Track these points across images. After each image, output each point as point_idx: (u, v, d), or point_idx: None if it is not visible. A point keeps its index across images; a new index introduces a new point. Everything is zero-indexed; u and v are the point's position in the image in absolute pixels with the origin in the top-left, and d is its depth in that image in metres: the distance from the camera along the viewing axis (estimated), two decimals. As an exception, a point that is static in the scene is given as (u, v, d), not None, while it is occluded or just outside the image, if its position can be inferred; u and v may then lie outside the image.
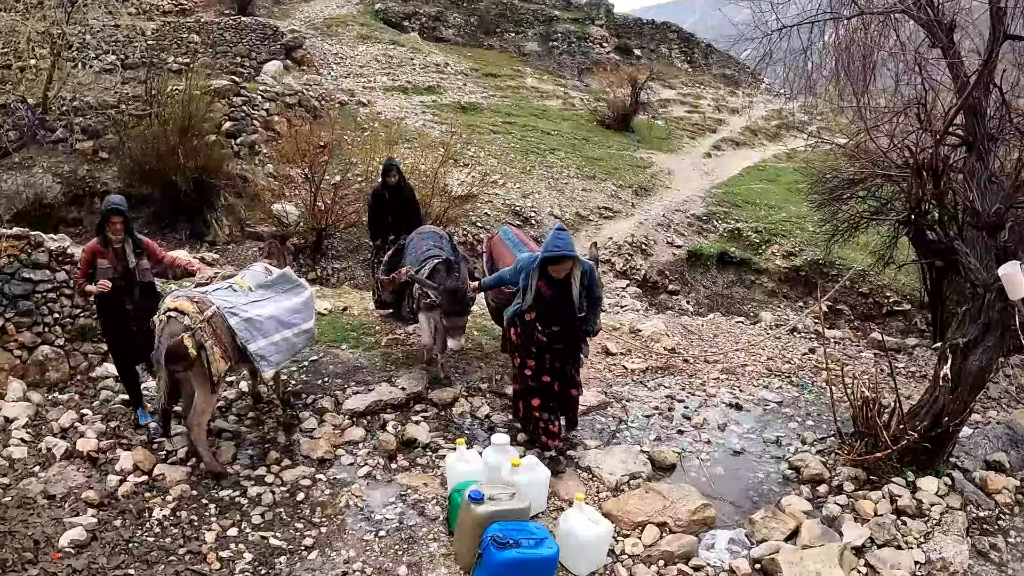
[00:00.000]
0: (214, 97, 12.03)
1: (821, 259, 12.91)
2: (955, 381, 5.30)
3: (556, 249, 5.01)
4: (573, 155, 15.65)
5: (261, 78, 13.66)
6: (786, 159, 18.22)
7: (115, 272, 5.32)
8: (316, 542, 4.49)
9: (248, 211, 11.50)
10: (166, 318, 4.74)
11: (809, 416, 6.70)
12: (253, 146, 12.40)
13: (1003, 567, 4.64)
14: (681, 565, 4.34)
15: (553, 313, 5.30)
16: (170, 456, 5.26)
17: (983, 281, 5.38)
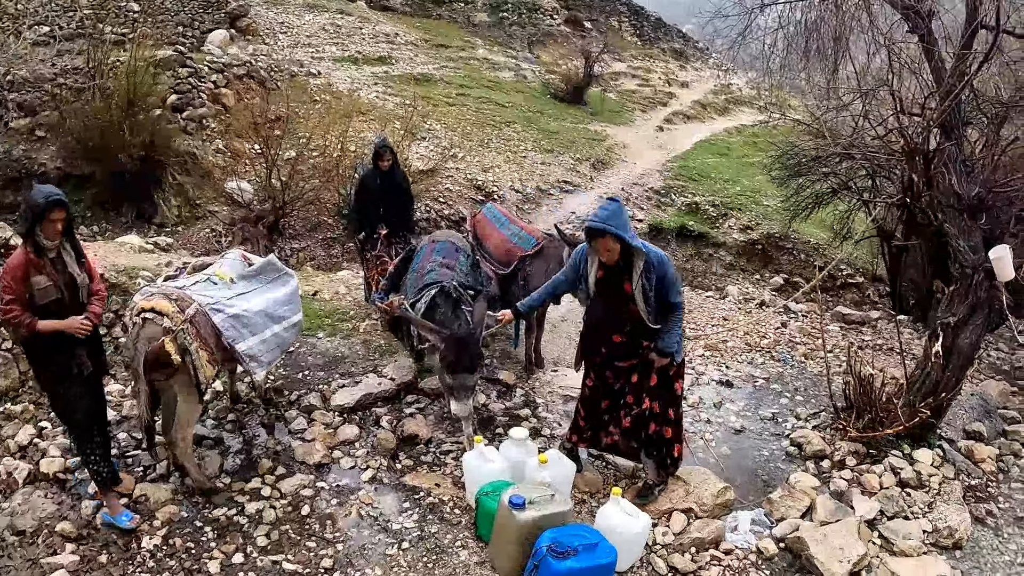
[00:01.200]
0: (159, 69, 11.45)
1: (777, 233, 13.26)
2: (946, 358, 5.54)
3: (592, 219, 4.18)
4: (529, 128, 15.58)
5: (207, 48, 13.08)
6: (736, 133, 18.55)
7: (60, 292, 3.99)
8: (335, 562, 4.16)
9: (198, 190, 11.06)
10: (141, 320, 4.13)
11: (797, 391, 6.90)
12: (201, 120, 11.87)
13: (999, 531, 4.93)
14: (713, 550, 4.44)
15: (609, 317, 4.57)
16: (148, 472, 4.76)
17: (971, 262, 5.62)
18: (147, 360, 4.08)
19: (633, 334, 4.53)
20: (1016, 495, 5.33)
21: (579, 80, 17.97)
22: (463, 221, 11.99)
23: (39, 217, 3.87)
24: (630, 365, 4.66)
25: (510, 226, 6.88)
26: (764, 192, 14.53)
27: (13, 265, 3.94)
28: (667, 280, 4.32)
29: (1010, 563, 4.64)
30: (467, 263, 5.68)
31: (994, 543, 4.79)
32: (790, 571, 4.35)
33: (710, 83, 21.92)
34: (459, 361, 4.70)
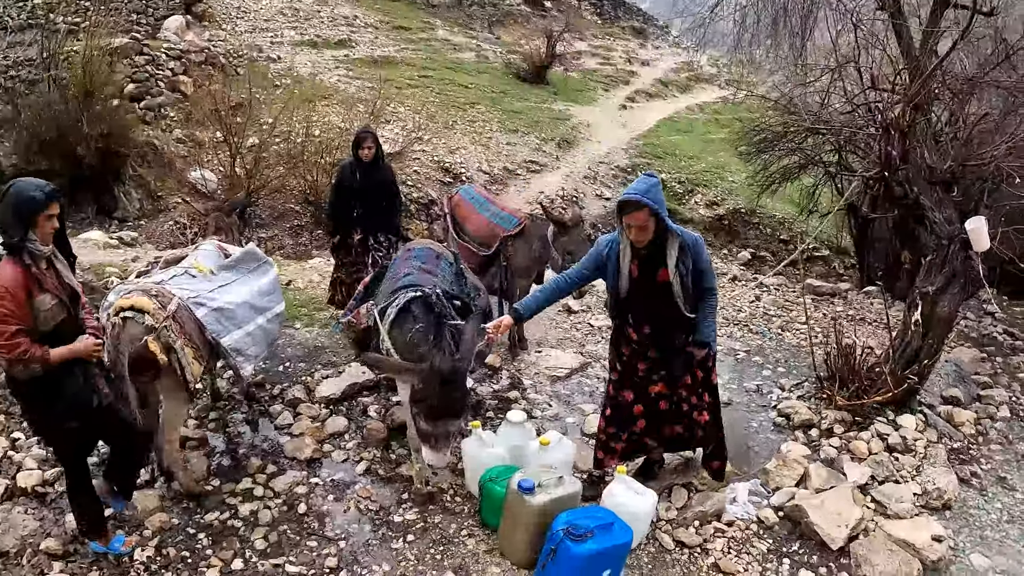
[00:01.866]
0: (115, 57, 11.11)
1: (744, 208, 13.45)
2: (926, 326, 5.70)
3: (629, 191, 3.87)
4: (493, 109, 15.50)
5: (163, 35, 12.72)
6: (698, 111, 18.70)
7: (65, 310, 3.48)
8: (340, 560, 4.02)
9: (160, 181, 10.76)
10: (121, 320, 3.83)
11: (779, 363, 7.03)
12: (160, 109, 11.56)
13: (984, 491, 5.11)
14: (716, 523, 4.51)
15: (643, 305, 4.18)
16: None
17: (947, 234, 5.77)
18: (132, 362, 3.78)
19: (666, 326, 4.20)
20: (996, 456, 5.53)
21: (541, 60, 17.90)
22: (432, 204, 11.93)
23: (34, 217, 3.30)
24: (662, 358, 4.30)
25: (490, 206, 6.79)
26: (728, 168, 14.72)
27: (11, 286, 3.26)
28: (702, 264, 4.08)
29: (996, 521, 4.81)
30: (451, 271, 4.84)
31: (980, 503, 4.96)
32: (791, 539, 4.44)
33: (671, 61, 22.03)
34: (441, 405, 3.77)
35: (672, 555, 4.20)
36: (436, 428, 3.83)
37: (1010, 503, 5.00)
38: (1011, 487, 5.17)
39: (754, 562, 4.22)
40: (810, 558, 4.30)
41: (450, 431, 3.90)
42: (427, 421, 3.83)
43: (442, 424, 3.83)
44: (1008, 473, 5.33)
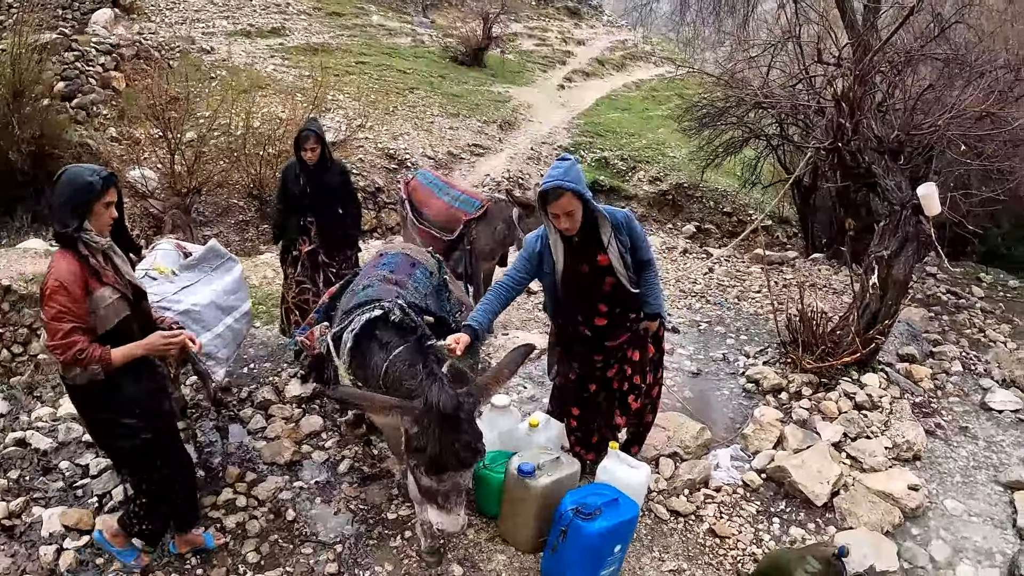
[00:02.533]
0: (44, 55, 10.58)
1: (686, 182, 13.71)
2: (883, 288, 5.94)
3: (547, 180, 3.65)
4: (433, 93, 15.40)
5: (91, 29, 12.15)
6: (635, 88, 18.91)
7: (128, 306, 3.22)
8: (340, 565, 3.86)
9: (96, 183, 10.33)
10: None
11: (740, 331, 7.24)
12: (92, 107, 11.09)
13: (948, 441, 5.41)
14: (704, 489, 4.64)
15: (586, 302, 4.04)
16: (105, 501, 4.17)
17: (899, 200, 6.01)
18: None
19: (617, 309, 4.07)
20: (955, 408, 5.84)
21: (478, 42, 17.82)
22: (379, 191, 11.83)
23: (90, 205, 3.06)
24: (620, 343, 4.19)
25: (449, 190, 6.73)
26: (669, 144, 14.96)
27: (66, 279, 2.99)
28: (637, 236, 3.96)
29: (964, 467, 5.10)
30: (428, 282, 4.15)
31: (947, 452, 5.25)
32: (777, 499, 4.61)
33: (605, 40, 22.19)
34: (445, 454, 2.98)
35: (668, 524, 4.31)
36: (442, 483, 3.03)
37: (975, 450, 5.30)
38: (974, 436, 5.48)
39: (746, 524, 4.37)
40: (797, 515, 4.48)
41: (460, 484, 3.10)
42: (429, 475, 3.03)
43: (449, 477, 3.03)
44: (969, 423, 5.64)
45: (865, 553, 4.01)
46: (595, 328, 4.09)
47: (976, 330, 7.53)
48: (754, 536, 4.28)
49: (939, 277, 9.05)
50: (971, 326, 7.61)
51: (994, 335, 7.39)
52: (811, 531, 4.35)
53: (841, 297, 8.14)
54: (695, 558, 4.06)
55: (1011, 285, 9.33)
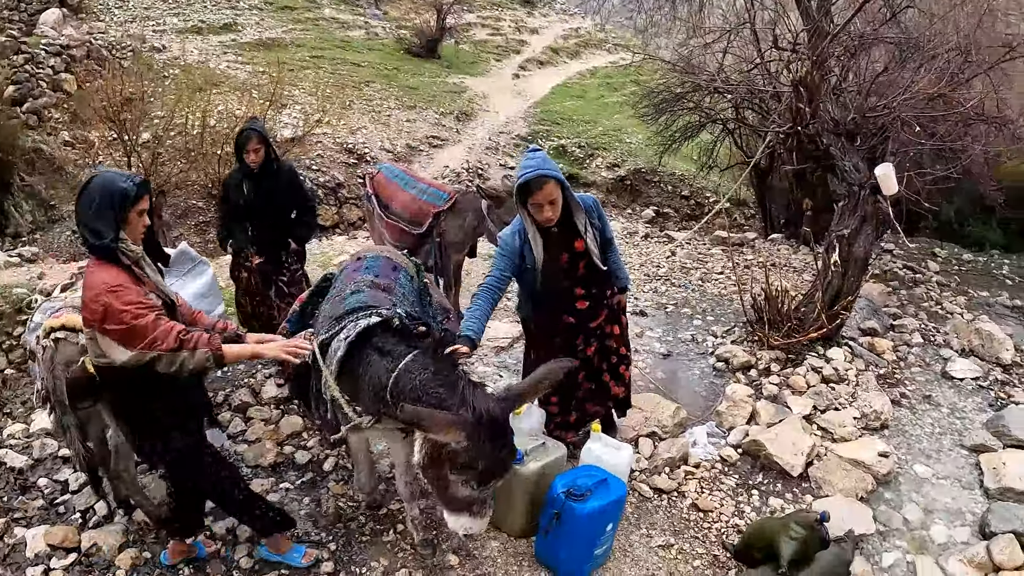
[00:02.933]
0: None
1: (644, 168, 13.89)
2: (844, 266, 6.13)
3: (525, 171, 3.68)
4: (389, 86, 15.33)
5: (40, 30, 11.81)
6: (590, 76, 19.02)
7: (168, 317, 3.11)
8: (336, 564, 3.83)
9: (52, 189, 10.07)
10: (52, 343, 3.46)
11: (706, 312, 7.40)
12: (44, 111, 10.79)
13: (913, 409, 5.63)
14: (684, 466, 4.77)
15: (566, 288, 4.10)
16: (89, 516, 4.06)
17: (857, 180, 6.20)
18: (69, 387, 3.39)
19: (593, 290, 4.18)
20: (918, 377, 6.07)
21: (432, 34, 17.76)
22: (340, 187, 11.77)
23: (125, 213, 2.93)
24: (599, 322, 4.31)
25: (416, 183, 6.71)
26: (626, 130, 15.12)
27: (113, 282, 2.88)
28: (603, 218, 4.13)
29: (929, 434, 5.32)
30: (411, 286, 3.96)
31: (912, 419, 5.47)
32: (754, 472, 4.77)
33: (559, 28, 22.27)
34: (494, 463, 2.90)
35: (653, 502, 4.43)
36: (484, 492, 2.94)
37: (938, 417, 5.53)
38: (937, 403, 5.72)
39: (727, 497, 4.51)
40: (775, 486, 4.64)
41: (492, 491, 3.02)
42: (476, 487, 2.91)
43: (491, 486, 2.97)
44: (931, 391, 5.88)
45: (843, 518, 4.17)
46: (578, 312, 4.17)
47: (933, 303, 7.80)
48: (735, 508, 4.43)
49: (895, 253, 9.34)
50: (928, 299, 7.88)
51: (951, 307, 7.67)
52: (789, 500, 4.51)
53: (802, 275, 8.36)
54: (681, 532, 4.19)
55: (965, 259, 9.68)
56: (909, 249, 9.46)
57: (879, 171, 5.73)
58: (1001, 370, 6.29)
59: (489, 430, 2.82)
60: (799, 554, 3.49)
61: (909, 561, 4.14)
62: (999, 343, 6.47)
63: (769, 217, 11.10)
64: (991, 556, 4.09)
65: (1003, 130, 7.93)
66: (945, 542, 4.30)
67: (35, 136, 10.34)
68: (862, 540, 4.17)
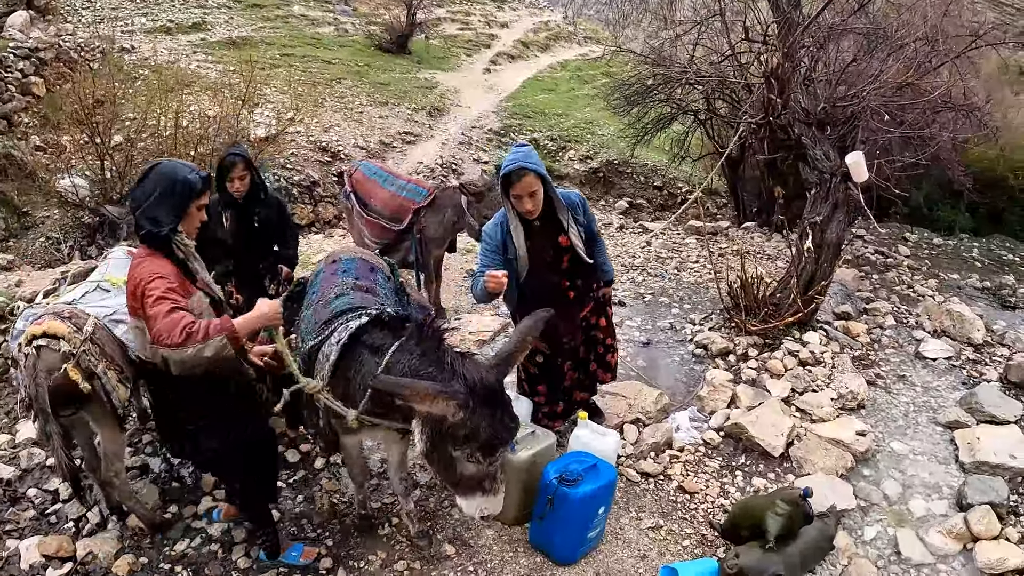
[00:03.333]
0: None
1: (616, 159, 13.99)
2: (817, 252, 6.27)
3: (509, 162, 3.76)
4: (360, 83, 15.26)
5: (8, 33, 11.56)
6: (560, 69, 19.09)
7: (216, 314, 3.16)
8: (334, 559, 3.83)
9: (24, 196, 9.92)
10: (34, 350, 3.38)
11: (684, 300, 7.52)
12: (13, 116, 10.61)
13: (889, 389, 5.78)
14: (669, 451, 4.87)
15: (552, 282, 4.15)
16: (83, 524, 4.03)
17: (828, 168, 6.34)
18: (51, 394, 3.34)
19: (579, 281, 4.25)
20: (892, 359, 6.24)
21: (403, 29, 17.70)
22: (315, 185, 11.73)
23: (187, 205, 2.93)
24: (585, 313, 4.42)
25: (394, 180, 6.75)
26: (597, 123, 15.20)
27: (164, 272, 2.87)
28: (589, 214, 4.21)
29: (905, 412, 5.47)
30: (388, 286, 3.94)
31: (888, 399, 5.62)
32: (737, 454, 4.88)
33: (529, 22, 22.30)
34: (499, 429, 2.82)
35: (640, 486, 4.51)
36: (492, 464, 2.89)
37: (913, 396, 5.70)
38: (911, 383, 5.88)
39: (711, 479, 4.62)
40: (757, 467, 4.75)
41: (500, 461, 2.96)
42: (481, 459, 2.85)
43: (499, 456, 2.91)
44: (906, 372, 6.04)
45: (825, 494, 4.30)
46: (566, 304, 4.19)
47: (905, 286, 8.00)
48: (720, 489, 4.54)
49: (867, 239, 9.55)
50: (900, 283, 8.07)
51: (922, 289, 7.87)
52: (772, 480, 4.63)
53: (775, 262, 8.52)
54: (669, 514, 4.28)
55: (935, 243, 9.91)
56: (880, 234, 9.67)
57: (849, 159, 5.87)
58: (972, 350, 6.47)
59: (483, 397, 2.78)
60: (785, 529, 3.60)
61: (890, 534, 4.28)
62: (970, 324, 6.66)
63: (742, 206, 11.27)
64: (969, 526, 4.25)
65: (970, 117, 8.14)
66: (924, 515, 4.45)
67: (5, 142, 10.13)
68: (844, 515, 4.30)
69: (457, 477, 2.91)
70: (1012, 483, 4.62)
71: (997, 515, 4.29)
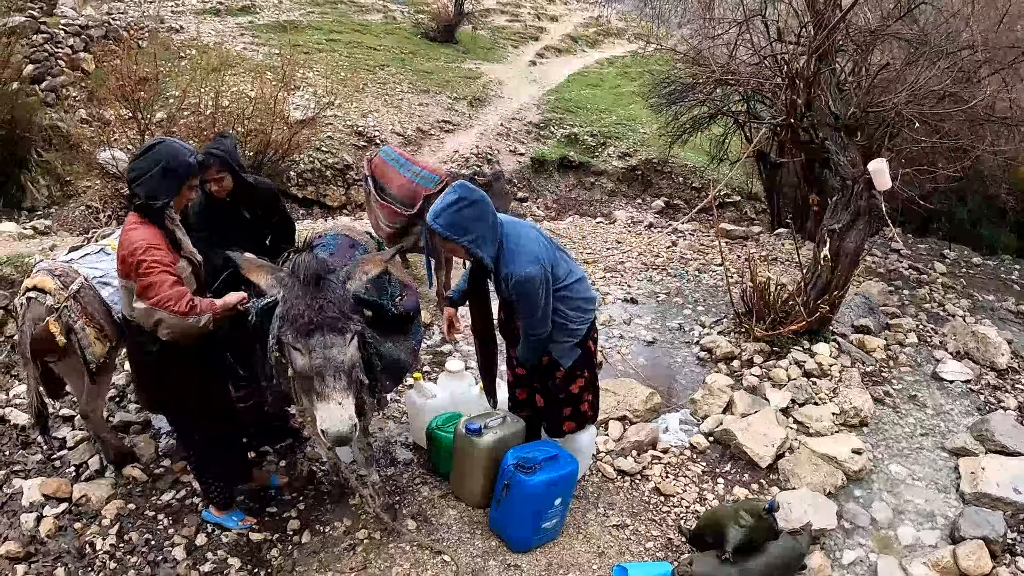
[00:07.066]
0: (12, 38, 10.40)
1: (655, 158, 13.76)
2: (834, 261, 6.03)
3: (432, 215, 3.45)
4: (403, 70, 15.32)
5: (60, 11, 11.93)
6: (608, 65, 18.85)
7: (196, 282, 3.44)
8: (302, 521, 4.01)
9: (68, 166, 10.24)
10: (26, 300, 3.73)
11: (698, 303, 7.32)
12: (62, 89, 10.95)
13: (897, 409, 5.51)
14: (652, 451, 4.74)
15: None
16: (83, 470, 4.33)
17: (851, 175, 6.09)
18: (33, 343, 3.67)
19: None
20: (906, 377, 5.95)
21: (450, 19, 17.69)
22: (348, 168, 11.79)
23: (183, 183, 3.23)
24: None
25: (411, 166, 6.82)
26: (639, 120, 14.98)
27: (155, 241, 3.13)
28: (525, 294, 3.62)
29: (910, 434, 5.22)
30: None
31: (894, 419, 5.36)
32: (723, 460, 4.71)
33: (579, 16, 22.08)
34: (312, 311, 2.87)
35: (615, 483, 4.39)
36: (314, 356, 2.87)
37: (922, 418, 5.42)
38: (922, 404, 5.60)
39: (691, 484, 4.47)
40: (742, 476, 4.58)
41: (335, 361, 2.89)
42: (298, 343, 2.89)
43: (319, 347, 2.87)
44: (918, 392, 5.76)
45: (805, 511, 4.11)
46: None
47: (935, 304, 7.65)
48: (698, 495, 4.38)
49: (903, 253, 9.19)
50: (931, 300, 7.73)
51: (953, 309, 7.52)
52: (754, 491, 4.46)
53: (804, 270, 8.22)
54: (639, 514, 4.16)
55: (974, 262, 9.47)
56: (918, 250, 9.30)
57: (872, 166, 5.63)
58: (995, 374, 6.15)
59: (303, 280, 2.93)
60: (745, 542, 3.45)
61: (871, 560, 4.07)
62: (995, 347, 6.31)
63: (776, 211, 10.97)
64: (957, 561, 4.02)
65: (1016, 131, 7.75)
66: (912, 543, 4.23)
67: (52, 114, 10.50)
68: (823, 535, 4.10)
69: (295, 381, 3.03)
70: (1013, 519, 4.39)
71: (990, 552, 4.05)
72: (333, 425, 2.87)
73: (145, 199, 3.15)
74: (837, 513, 4.28)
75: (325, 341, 2.89)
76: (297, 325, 2.88)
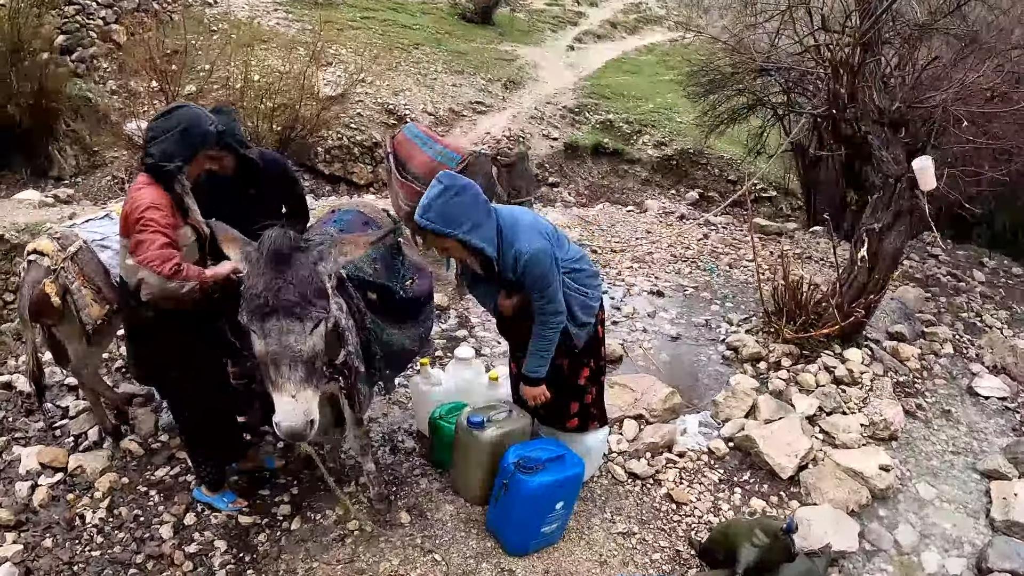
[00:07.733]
0: (43, 8, 10.39)
1: (691, 148, 13.41)
2: (872, 262, 5.73)
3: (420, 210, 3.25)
4: (438, 50, 15.09)
5: (92, -18, 11.94)
6: (647, 52, 18.43)
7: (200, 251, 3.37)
8: (294, 506, 3.91)
9: (95, 136, 10.25)
10: (27, 264, 3.78)
11: (726, 299, 7.05)
12: (92, 61, 10.93)
13: (929, 423, 5.21)
14: (667, 454, 4.51)
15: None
16: (81, 441, 4.33)
17: (894, 173, 5.76)
18: (31, 305, 3.72)
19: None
20: (941, 390, 5.65)
21: (488, 0, 17.41)
22: (376, 146, 11.64)
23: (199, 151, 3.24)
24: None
25: (433, 145, 6.70)
26: (676, 109, 14.61)
27: (159, 202, 3.09)
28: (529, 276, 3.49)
29: (941, 452, 4.93)
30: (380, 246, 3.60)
31: (925, 434, 5.07)
32: (742, 469, 4.47)
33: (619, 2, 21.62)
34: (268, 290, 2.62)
35: (625, 486, 4.19)
36: (268, 339, 2.62)
37: (955, 435, 5.13)
38: (956, 420, 5.30)
39: (706, 492, 4.24)
40: (761, 487, 4.34)
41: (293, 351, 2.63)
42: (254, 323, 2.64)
43: (274, 329, 2.62)
44: (952, 406, 5.46)
45: (825, 530, 3.86)
46: None
47: (973, 314, 7.31)
48: (713, 504, 4.15)
49: (941, 259, 8.82)
50: (968, 310, 7.39)
51: (991, 320, 7.18)
52: (773, 504, 4.21)
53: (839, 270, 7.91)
54: (648, 522, 3.94)
55: (1014, 272, 9.06)
56: (957, 256, 8.91)
57: (917, 164, 5.32)
58: (1034, 393, 5.83)
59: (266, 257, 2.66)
60: (758, 562, 3.21)
61: (893, 585, 3.82)
62: (1035, 363, 5.99)
63: (813, 208, 10.59)
64: (982, 594, 3.75)
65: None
66: (936, 572, 3.96)
67: (82, 84, 10.50)
68: (843, 557, 3.85)
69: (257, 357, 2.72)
70: (1047, 553, 4.07)
71: (1018, 586, 3.77)
72: (285, 419, 2.65)
73: (159, 160, 3.12)
74: (860, 534, 4.02)
75: (281, 327, 2.62)
76: (252, 306, 2.63)
